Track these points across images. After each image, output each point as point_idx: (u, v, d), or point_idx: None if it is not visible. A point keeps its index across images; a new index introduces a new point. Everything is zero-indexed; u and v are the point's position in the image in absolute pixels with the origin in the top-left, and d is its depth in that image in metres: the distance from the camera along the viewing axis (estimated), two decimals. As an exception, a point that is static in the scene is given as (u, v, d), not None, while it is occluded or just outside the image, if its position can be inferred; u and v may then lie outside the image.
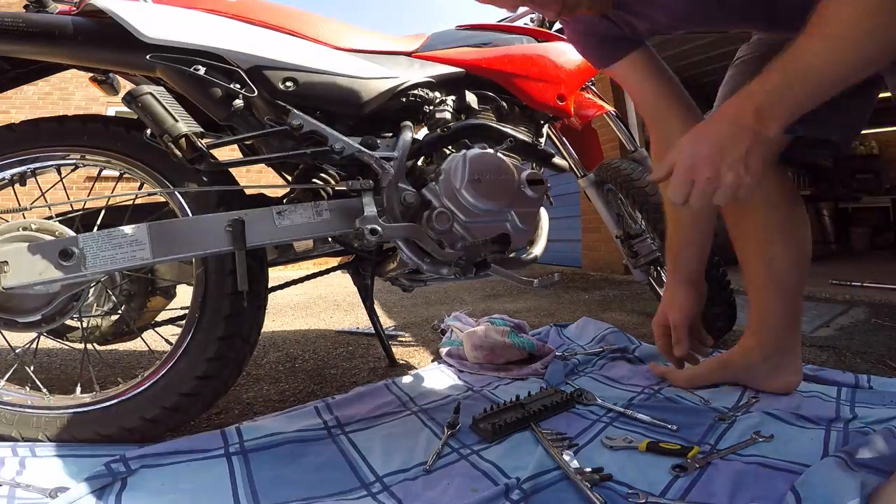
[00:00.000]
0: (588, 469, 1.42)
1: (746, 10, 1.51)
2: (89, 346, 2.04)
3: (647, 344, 2.62)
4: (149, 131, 1.65)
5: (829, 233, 10.82)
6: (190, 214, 1.82)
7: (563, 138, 2.77)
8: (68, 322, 1.96)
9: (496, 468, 1.49)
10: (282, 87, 1.83)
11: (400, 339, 3.44)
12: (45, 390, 1.86)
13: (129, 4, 1.76)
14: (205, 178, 1.85)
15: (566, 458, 1.48)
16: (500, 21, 2.83)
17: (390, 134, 2.00)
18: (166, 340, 2.01)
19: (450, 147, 2.05)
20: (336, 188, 1.88)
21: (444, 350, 2.69)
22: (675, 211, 2.02)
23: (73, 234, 1.68)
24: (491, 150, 2.00)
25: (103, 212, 1.97)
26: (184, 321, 1.87)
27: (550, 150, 2.33)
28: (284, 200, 1.99)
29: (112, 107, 11.31)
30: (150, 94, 1.62)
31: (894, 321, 3.42)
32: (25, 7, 1.81)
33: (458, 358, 2.56)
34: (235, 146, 1.91)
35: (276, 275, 1.99)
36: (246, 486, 1.44)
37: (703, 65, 8.32)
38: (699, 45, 7.47)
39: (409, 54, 2.13)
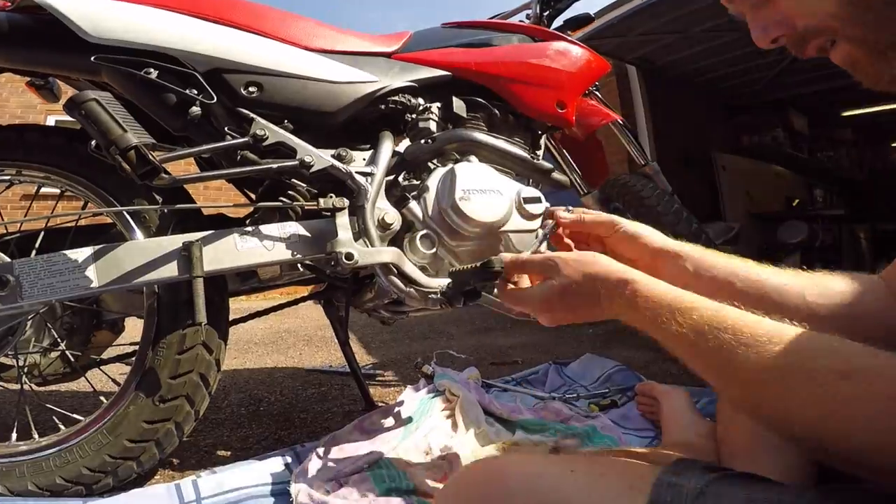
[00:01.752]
0: None
1: None
2: (26, 386, 2.02)
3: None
4: (93, 143, 1.63)
5: (866, 260, 10.60)
6: (140, 237, 1.81)
7: (564, 150, 2.78)
8: (2, 359, 1.95)
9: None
10: (244, 92, 1.84)
11: (379, 378, 3.43)
12: (-27, 438, 1.85)
13: (72, 0, 1.76)
14: (157, 196, 1.85)
15: None
16: (491, 18, 2.85)
17: (367, 146, 2.01)
18: (113, 380, 2.01)
19: (435, 160, 2.05)
20: (306, 207, 1.87)
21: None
22: None
23: (7, 259, 1.65)
24: (482, 164, 2.01)
25: (42, 234, 1.95)
26: (133, 358, 1.86)
27: (549, 164, 2.34)
28: (247, 221, 1.99)
29: (52, 115, 11.25)
30: (95, 100, 1.59)
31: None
32: (-48, 3, 1.81)
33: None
34: (191, 160, 1.90)
35: (237, 306, 1.98)
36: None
37: (719, 68, 8.35)
38: (713, 45, 7.49)
39: (388, 55, 2.14)
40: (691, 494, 0.71)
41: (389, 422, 2.11)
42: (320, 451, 1.85)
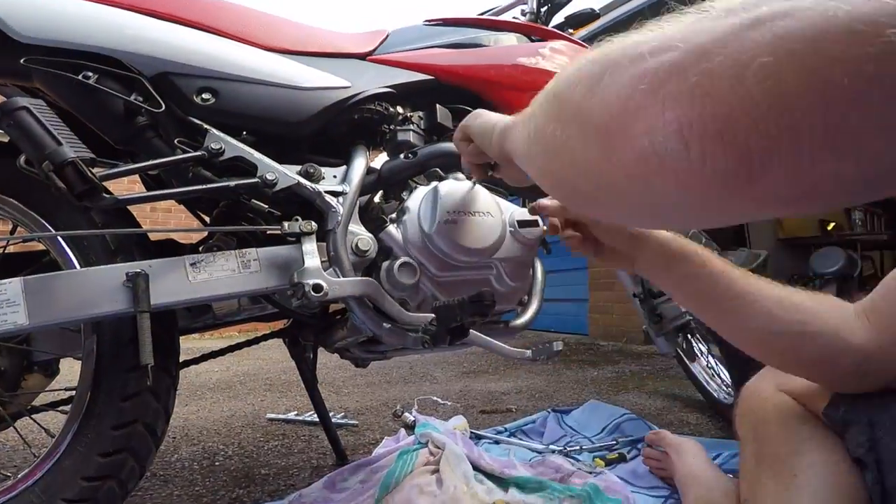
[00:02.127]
0: None
1: None
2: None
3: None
4: (24, 158, 1.62)
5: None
6: (77, 266, 1.80)
7: (565, 167, 2.78)
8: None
9: None
10: (197, 99, 1.83)
11: (352, 428, 3.42)
12: None
13: (-3, -7, 1.75)
14: (97, 219, 1.83)
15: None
16: (481, 14, 2.85)
17: (339, 161, 2.01)
18: (46, 431, 2.00)
19: (417, 178, 2.06)
20: (268, 232, 1.87)
21: None
22: None
23: (-79, 292, 1.64)
24: (470, 182, 2.01)
25: (-38, 263, 1.94)
26: (70, 406, 1.84)
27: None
28: (201, 248, 1.97)
29: (-25, 125, 11.27)
30: (26, 109, 1.58)
31: None
32: None
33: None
34: (137, 177, 1.90)
35: (189, 345, 1.98)
36: None
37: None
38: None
39: (362, 57, 2.14)
40: None
41: (364, 478, 2.10)
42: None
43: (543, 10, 2.89)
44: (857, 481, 1.40)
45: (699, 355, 3.34)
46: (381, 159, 2.10)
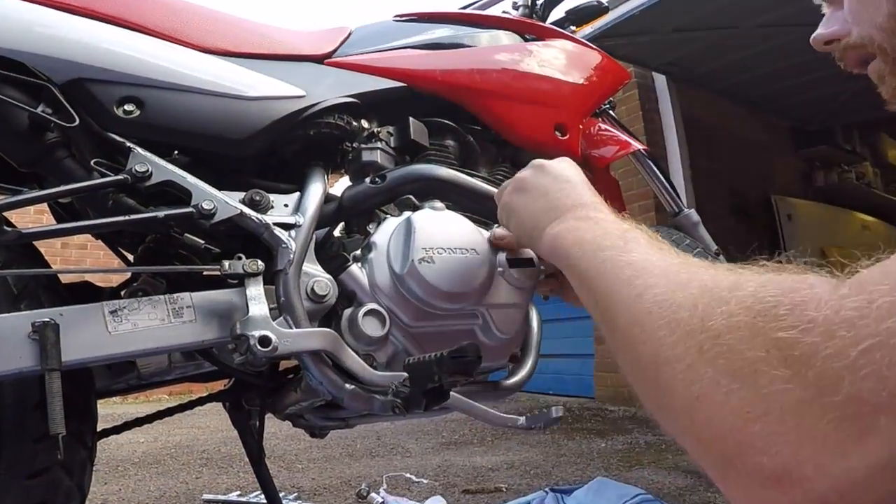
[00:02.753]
0: None
1: None
2: None
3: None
4: None
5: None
6: (-28, 313, 1.79)
7: (566, 193, 2.79)
8: None
9: None
10: (118, 111, 1.83)
11: (307, 512, 3.42)
12: None
13: None
14: (-5, 257, 1.83)
15: None
16: (463, 8, 2.86)
17: (292, 186, 2.01)
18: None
19: (386, 207, 2.06)
20: (205, 273, 1.87)
21: None
22: None
23: None
24: (451, 213, 2.01)
25: None
26: (-37, 485, 1.84)
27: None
28: (123, 293, 1.96)
29: None
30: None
31: None
32: None
33: None
34: (45, 206, 1.90)
35: (109, 411, 1.98)
36: None
37: (777, 80, 8.42)
38: (773, 46, 7.54)
39: (320, 60, 2.15)
40: None
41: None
42: None
43: (540, 2, 2.89)
44: None
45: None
46: (342, 184, 2.10)
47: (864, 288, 0.60)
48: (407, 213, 1.96)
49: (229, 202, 1.81)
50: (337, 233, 2.04)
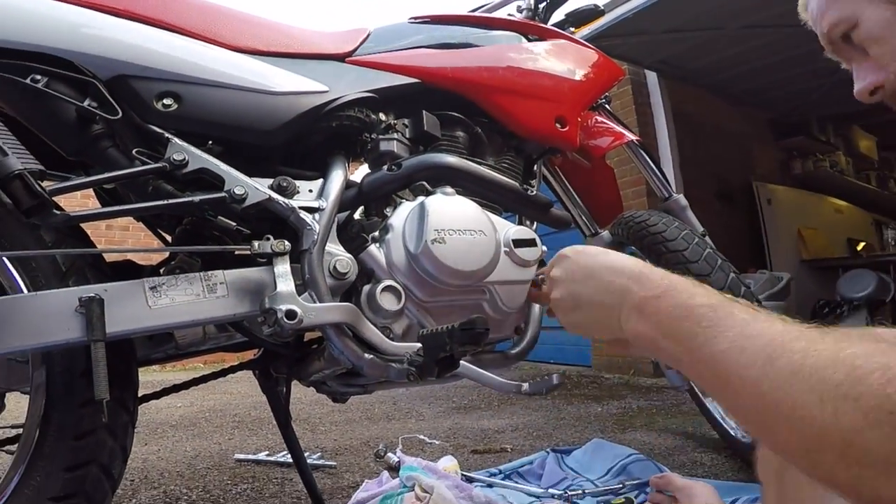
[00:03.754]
0: None
1: None
2: None
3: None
4: (-36, 170, 1.62)
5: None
6: (25, 290, 1.78)
7: (566, 179, 2.79)
8: None
9: None
10: (157, 105, 1.83)
11: (329, 470, 3.41)
12: None
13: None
14: (47, 238, 1.82)
15: None
16: (472, 11, 2.86)
17: (316, 174, 2.01)
18: (-12, 474, 1.99)
19: (401, 192, 2.06)
20: (237, 252, 1.87)
21: None
22: None
23: None
24: (460, 198, 2.01)
25: None
26: (17, 445, 1.84)
27: (547, 197, 2.34)
28: (162, 270, 1.97)
29: (-90, 133, 11.24)
30: (-33, 116, 1.58)
31: None
32: None
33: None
34: (91, 191, 1.89)
35: (149, 378, 1.97)
36: None
37: (766, 73, 8.40)
38: (754, 46, 7.53)
39: (341, 58, 2.15)
40: None
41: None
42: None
43: (542, 6, 2.88)
44: None
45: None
46: (361, 172, 2.10)
47: None
48: (421, 198, 1.97)
49: (259, 188, 1.82)
50: (357, 216, 2.04)
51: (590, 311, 1.27)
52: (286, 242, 1.81)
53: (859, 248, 10.38)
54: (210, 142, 1.88)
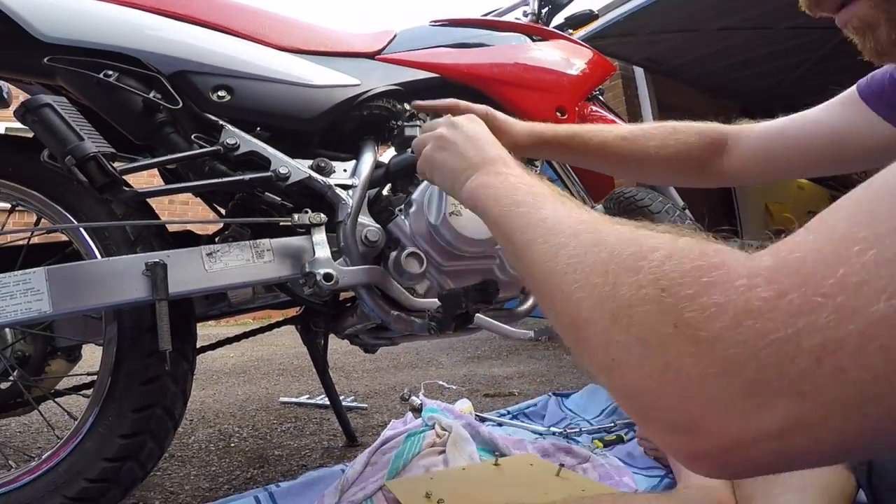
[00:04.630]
0: None
1: None
2: (-30, 421, 2.02)
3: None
4: (47, 152, 1.62)
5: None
6: (99, 256, 1.80)
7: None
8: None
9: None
10: (213, 97, 1.84)
11: (361, 411, 3.42)
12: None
13: (22, -6, 1.75)
14: (117, 211, 1.84)
15: None
16: (484, 15, 2.85)
17: (349, 156, 2.02)
18: (70, 414, 2.00)
19: (423, 172, 2.05)
20: (281, 223, 1.87)
21: None
22: None
23: (-49, 280, 1.65)
24: (474, 176, 2.01)
25: (-10, 253, 1.94)
26: (91, 390, 1.85)
27: (548, 176, 2.34)
28: (216, 239, 1.97)
29: (1, 122, 11.28)
30: (50, 105, 1.57)
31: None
32: None
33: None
34: (155, 171, 1.90)
35: (206, 332, 1.98)
36: None
37: (742, 67, 8.38)
38: (728, 46, 7.51)
39: (371, 56, 2.14)
40: None
41: (374, 460, 2.10)
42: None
43: (544, 11, 2.88)
44: (845, 468, 1.41)
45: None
46: (388, 154, 2.10)
47: (776, 277, 0.54)
48: (440, 177, 1.96)
49: (300, 168, 1.83)
50: (385, 192, 2.04)
51: (452, 158, 1.26)
52: (323, 215, 1.82)
53: (818, 218, 10.47)
54: (258, 128, 1.89)
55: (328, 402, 2.84)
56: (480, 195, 1.08)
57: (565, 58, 2.34)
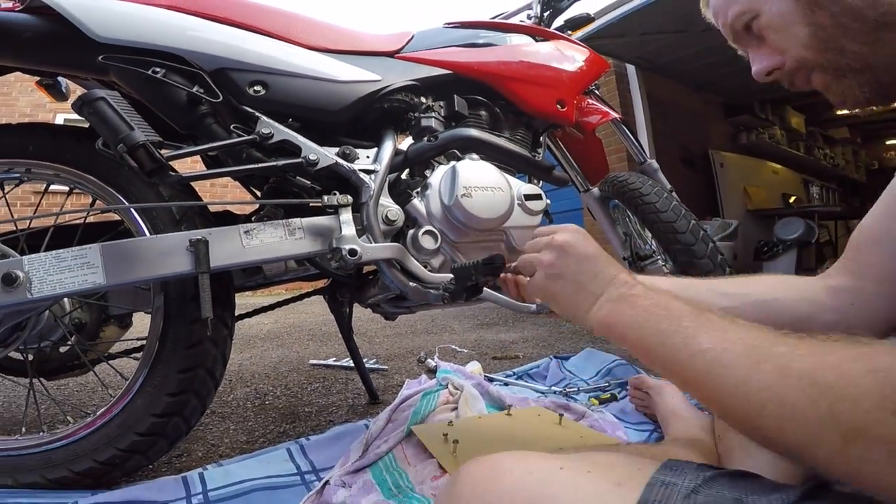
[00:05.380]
0: None
1: None
2: (35, 380, 2.02)
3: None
4: (101, 141, 1.63)
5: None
6: (148, 234, 1.81)
7: (564, 148, 2.77)
8: (12, 354, 1.94)
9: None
10: (249, 91, 1.84)
11: (382, 372, 3.43)
12: (-17, 431, 1.85)
13: (80, 0, 1.75)
14: (164, 193, 1.85)
15: None
16: (493, 18, 2.84)
17: (371, 144, 2.02)
18: (121, 375, 2.00)
19: (438, 158, 2.06)
20: (310, 204, 1.86)
21: None
22: None
23: (17, 256, 1.65)
24: (483, 162, 2.01)
25: (51, 231, 1.95)
26: (141, 353, 1.85)
27: (550, 162, 2.34)
28: (253, 218, 1.98)
29: (61, 114, 11.29)
30: (104, 99, 1.58)
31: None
32: (-37, 3, 1.80)
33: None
34: (198, 157, 1.90)
35: (243, 301, 1.98)
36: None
37: (720, 67, 8.35)
38: (711, 45, 7.47)
39: (391, 54, 2.14)
40: (682, 493, 0.70)
41: (394, 416, 2.11)
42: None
43: (546, 14, 2.86)
44: None
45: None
46: (407, 142, 2.10)
47: None
48: (453, 163, 1.96)
49: (328, 154, 1.83)
50: (403, 176, 2.04)
51: (568, 286, 1.14)
52: (348, 197, 1.82)
53: (791, 201, 10.40)
54: (290, 119, 1.88)
55: (353, 365, 2.85)
56: (617, 327, 1.01)
57: (565, 56, 2.34)
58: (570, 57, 2.35)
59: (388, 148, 1.96)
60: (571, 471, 0.74)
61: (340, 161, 1.85)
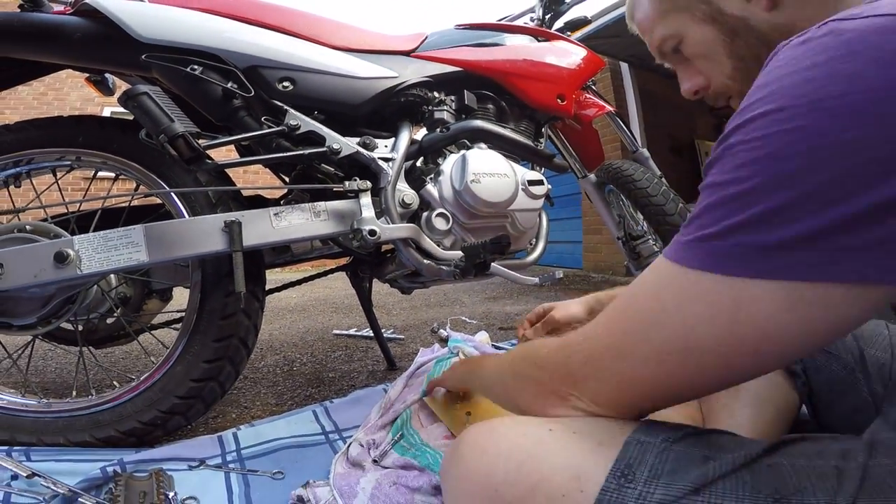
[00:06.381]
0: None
1: None
2: (85, 349, 2.03)
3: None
4: (145, 132, 1.64)
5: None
6: (186, 216, 1.81)
7: (564, 138, 2.76)
8: (64, 325, 1.95)
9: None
10: (279, 87, 1.84)
11: (399, 341, 3.43)
12: (40, 394, 1.86)
13: (124, 4, 1.76)
14: (201, 179, 1.85)
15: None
16: (499, 20, 2.83)
17: (389, 134, 2.01)
18: (162, 343, 2.01)
19: (449, 147, 2.05)
20: (334, 189, 1.87)
21: None
22: None
23: (68, 236, 1.66)
24: (491, 151, 2.01)
25: (99, 213, 1.96)
26: (180, 324, 1.86)
27: (551, 151, 2.33)
28: (282, 202, 2.00)
29: (108, 107, 11.31)
30: (147, 94, 1.60)
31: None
32: (20, 7, 1.80)
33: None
34: (232, 147, 1.90)
35: (273, 277, 1.98)
36: (242, 497, 1.43)
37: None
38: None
39: (407, 53, 2.13)
40: (655, 451, 0.73)
41: (409, 382, 2.11)
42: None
43: (547, 17, 2.85)
44: (790, 386, 1.40)
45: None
46: (421, 133, 2.09)
47: (567, 345, 0.85)
48: (463, 151, 1.96)
49: (349, 144, 1.83)
50: (418, 164, 2.04)
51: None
52: (368, 182, 1.82)
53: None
54: (315, 112, 1.88)
55: (372, 334, 2.85)
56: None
57: (564, 55, 2.33)
58: (569, 55, 2.34)
59: (404, 138, 1.96)
60: (560, 432, 0.81)
61: (361, 150, 1.85)
